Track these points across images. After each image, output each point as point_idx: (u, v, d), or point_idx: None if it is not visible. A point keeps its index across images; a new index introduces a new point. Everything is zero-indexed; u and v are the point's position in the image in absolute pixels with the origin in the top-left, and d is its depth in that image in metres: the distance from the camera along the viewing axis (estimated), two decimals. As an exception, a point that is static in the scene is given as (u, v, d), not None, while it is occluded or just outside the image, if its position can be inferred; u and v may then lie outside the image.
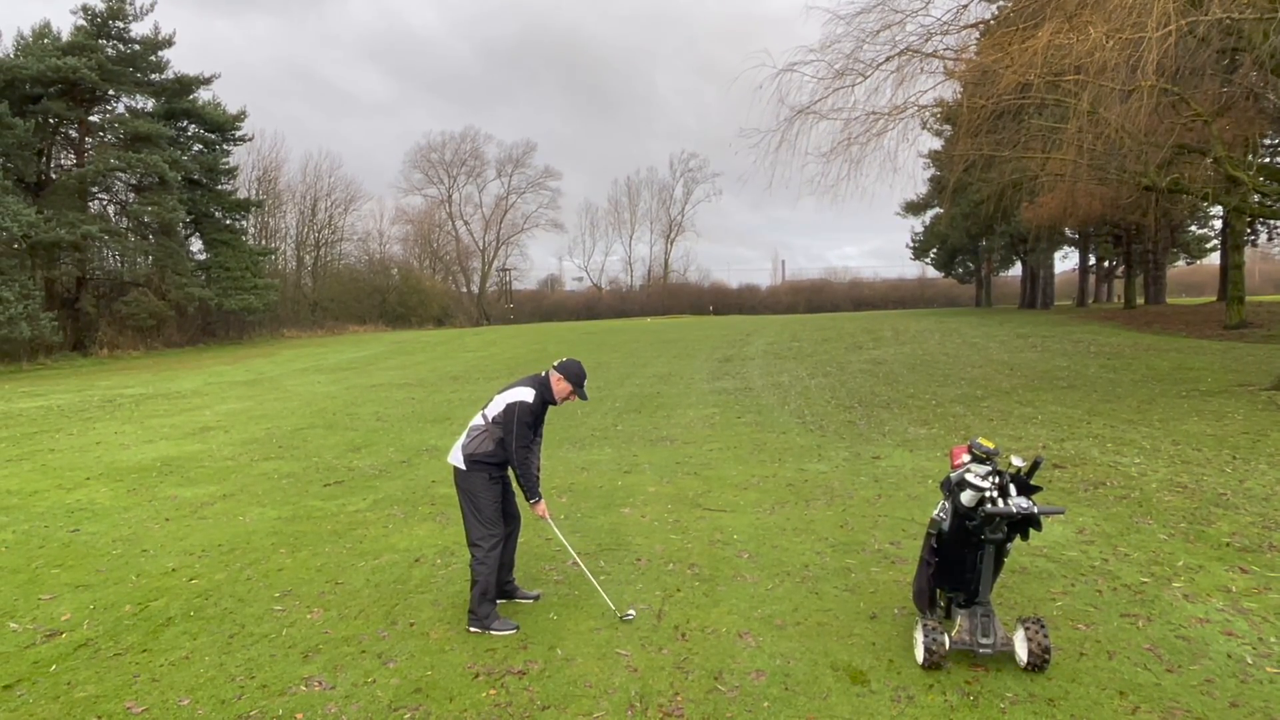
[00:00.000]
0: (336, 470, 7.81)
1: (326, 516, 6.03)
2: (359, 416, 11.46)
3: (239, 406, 12.85)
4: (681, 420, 10.41)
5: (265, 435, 9.95)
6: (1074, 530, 5.19)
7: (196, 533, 5.63)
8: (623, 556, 4.90)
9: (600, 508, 6.06)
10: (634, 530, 5.44)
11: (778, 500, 6.15)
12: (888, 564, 4.65)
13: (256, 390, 15.25)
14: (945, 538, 3.44)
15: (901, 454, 7.82)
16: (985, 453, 3.39)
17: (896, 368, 14.67)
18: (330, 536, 5.49)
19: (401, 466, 7.96)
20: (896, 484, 6.55)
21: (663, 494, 6.45)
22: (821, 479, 6.83)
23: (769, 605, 4.09)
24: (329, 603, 4.28)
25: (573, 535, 5.32)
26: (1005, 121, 11.10)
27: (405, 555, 5.03)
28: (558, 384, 3.82)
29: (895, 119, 9.94)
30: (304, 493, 6.84)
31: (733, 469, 7.35)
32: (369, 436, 9.78)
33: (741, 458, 7.90)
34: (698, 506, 6.03)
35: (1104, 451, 7.40)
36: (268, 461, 8.26)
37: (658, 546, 5.07)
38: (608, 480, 7.03)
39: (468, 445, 3.88)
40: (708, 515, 5.77)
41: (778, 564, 4.69)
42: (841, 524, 5.45)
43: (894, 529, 5.30)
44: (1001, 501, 3.24)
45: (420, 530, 5.58)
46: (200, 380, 17.37)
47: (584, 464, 7.83)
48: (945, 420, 9.49)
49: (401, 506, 6.26)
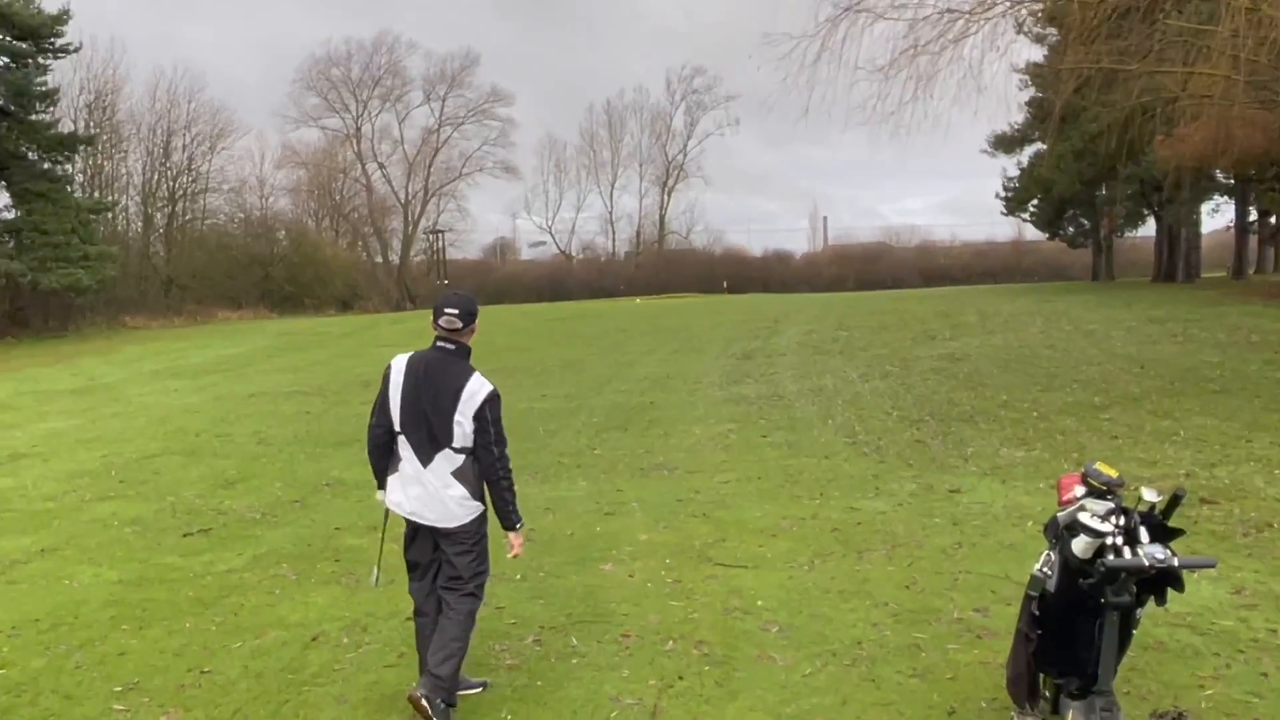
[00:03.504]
0: (201, 514, 7.74)
1: (188, 579, 5.98)
2: (232, 438, 11.39)
3: (63, 425, 12.73)
4: (684, 441, 10.40)
5: (101, 466, 9.87)
6: (1229, 590, 5.23)
7: (3, 603, 5.58)
8: (603, 632, 4.88)
9: (571, 564, 6.04)
10: (618, 595, 5.43)
11: (818, 551, 6.14)
12: (971, 639, 4.66)
13: (88, 402, 15.12)
14: (1051, 602, 3.45)
15: (990, 486, 7.84)
16: (1106, 484, 3.40)
17: (983, 366, 14.74)
18: (193, 607, 5.45)
19: (292, 509, 7.91)
20: (983, 528, 6.56)
21: (658, 544, 6.43)
22: (879, 521, 6.84)
23: (806, 699, 4.08)
24: (192, 700, 4.24)
25: (533, 602, 5.30)
26: (1132, 23, 11.17)
27: (298, 632, 5.01)
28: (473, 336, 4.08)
29: (980, 19, 10.00)
30: (155, 545, 6.78)
31: (755, 508, 7.34)
32: (247, 467, 9.72)
33: (768, 492, 7.89)
34: (707, 561, 6.02)
35: (1271, 481, 7.46)
36: (104, 502, 8.19)
37: (652, 617, 5.06)
38: (582, 525, 7.01)
39: (474, 483, 3.99)
40: (721, 573, 5.76)
41: (818, 640, 4.69)
42: (907, 584, 5.46)
43: (979, 590, 5.31)
44: (1129, 551, 3.25)
45: (319, 597, 5.55)
46: (8, 388, 17.21)
47: (548, 502, 7.80)
48: (1050, 438, 9.53)
49: (292, 564, 6.23)
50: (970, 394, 12.34)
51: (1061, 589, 3.41)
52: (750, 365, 16.65)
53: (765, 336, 21.09)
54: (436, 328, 3.99)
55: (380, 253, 63.98)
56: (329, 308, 46.37)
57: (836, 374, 14.90)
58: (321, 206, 59.56)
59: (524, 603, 5.32)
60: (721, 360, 17.54)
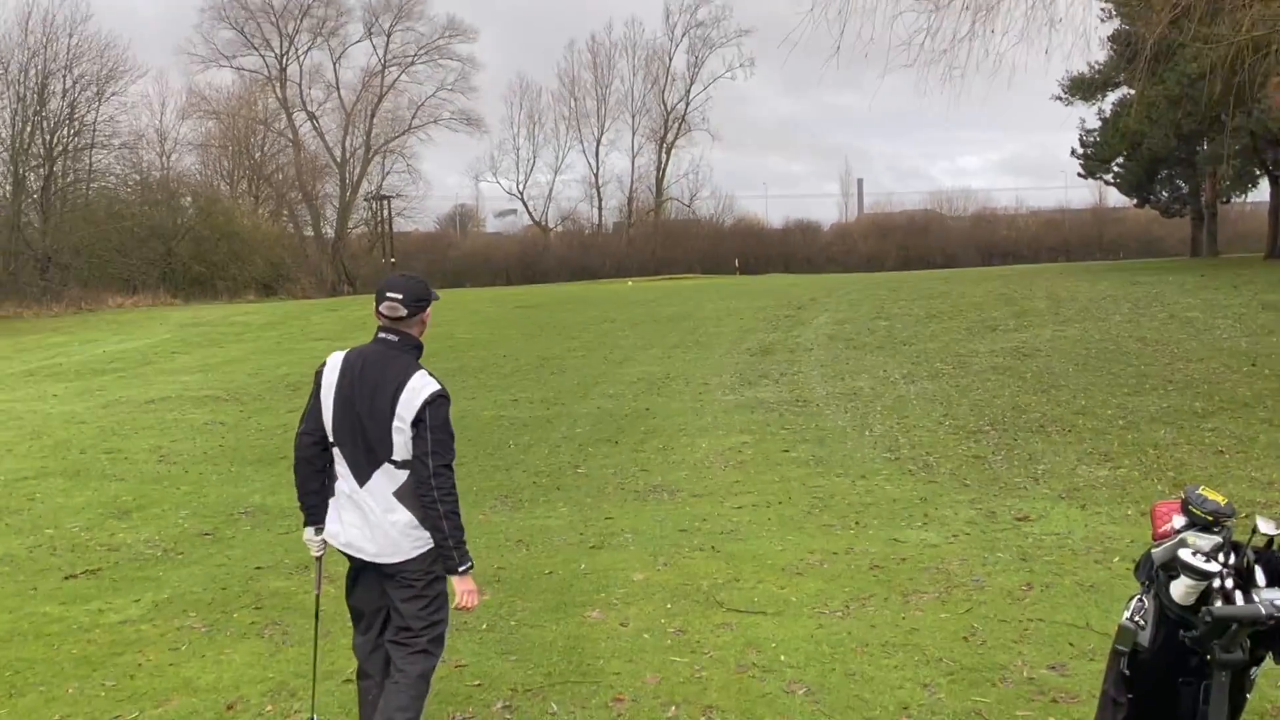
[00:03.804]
0: (87, 550, 7.72)
1: (70, 632, 5.96)
2: (127, 456, 11.37)
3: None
4: (688, 457, 10.42)
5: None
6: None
7: None
8: (589, 695, 4.89)
9: (550, 610, 6.06)
10: (608, 648, 5.44)
11: (854, 594, 6.17)
12: (1045, 703, 4.67)
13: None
14: (1144, 659, 3.45)
15: (1066, 512, 7.87)
16: (1212, 512, 3.39)
17: (1056, 363, 14.78)
18: (77, 668, 5.43)
19: (201, 543, 7.90)
20: (1057, 565, 6.59)
21: (657, 585, 6.45)
22: (929, 557, 6.86)
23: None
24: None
25: (504, 658, 5.30)
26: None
27: (210, 699, 5.00)
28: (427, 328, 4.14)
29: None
30: (28, 591, 6.75)
31: (775, 540, 7.37)
32: (145, 491, 9.70)
33: (791, 520, 7.91)
34: (717, 606, 6.04)
35: None
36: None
37: (649, 677, 5.07)
38: (563, 562, 7.02)
39: (408, 504, 3.92)
40: (734, 621, 5.78)
41: (855, 706, 4.70)
42: (964, 635, 5.48)
43: (1054, 643, 5.33)
44: (1241, 596, 3.25)
45: (236, 654, 5.55)
46: None
47: (521, 534, 7.81)
48: (1140, 453, 9.56)
49: (202, 613, 6.22)
50: (1040, 398, 12.38)
51: (1157, 643, 3.41)
52: (768, 363, 16.66)
53: (787, 327, 21.11)
54: (379, 316, 3.99)
55: (311, 224, 63.95)
56: (247, 292, 46.26)
57: (875, 373, 14.93)
58: (238, 166, 59.47)
59: (492, 659, 5.32)
60: (733, 357, 17.56)
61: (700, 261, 62.22)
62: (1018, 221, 71.70)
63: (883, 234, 68.56)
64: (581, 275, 59.89)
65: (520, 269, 64.15)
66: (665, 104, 73.08)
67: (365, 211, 66.34)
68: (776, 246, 67.91)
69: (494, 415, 13.11)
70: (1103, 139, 40.44)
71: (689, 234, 68.44)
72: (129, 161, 48.68)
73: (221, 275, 46.41)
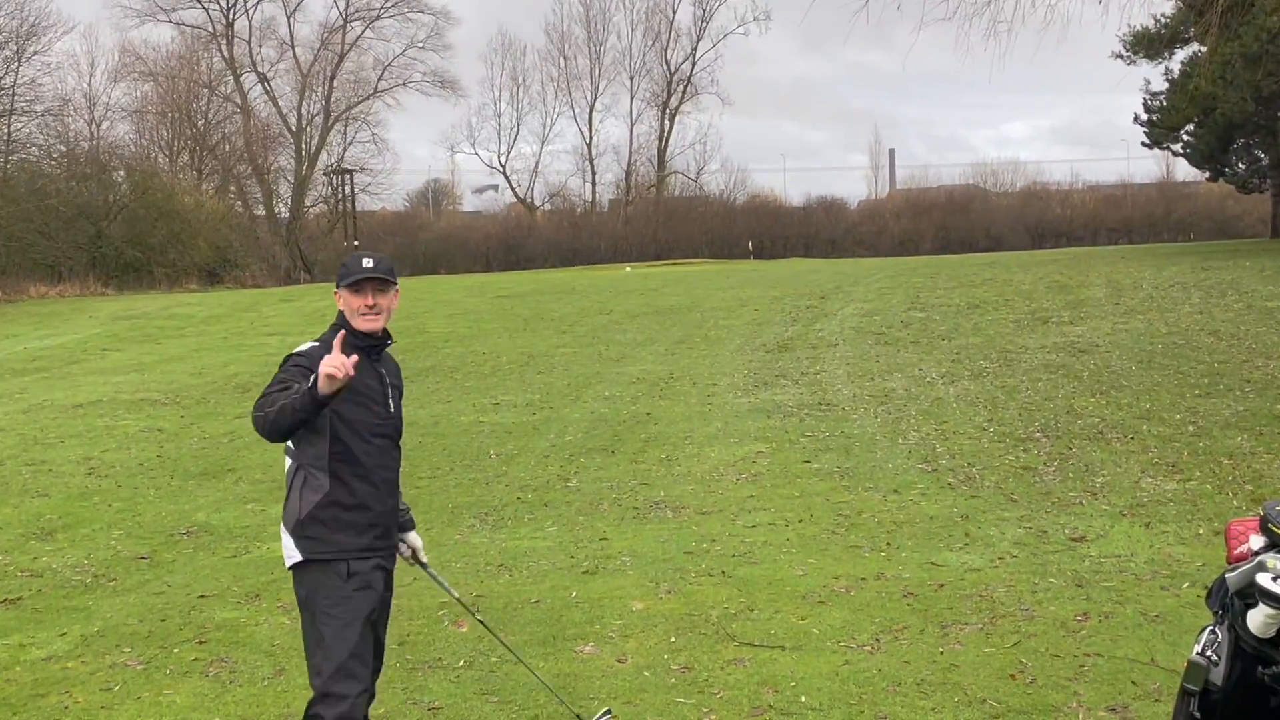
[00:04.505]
0: (6, 576, 7.71)
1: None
2: (52, 467, 11.35)
3: None
4: (694, 468, 10.40)
5: None
6: None
7: None
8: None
9: (537, 644, 6.04)
10: (604, 688, 5.43)
11: (885, 625, 6.16)
12: (1106, 750, 4.66)
13: None
14: (1218, 699, 3.44)
15: (1128, 531, 7.84)
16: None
17: (1116, 360, 14.77)
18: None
19: (137, 568, 7.88)
20: (1118, 592, 6.57)
21: (659, 615, 6.44)
22: (971, 582, 6.84)
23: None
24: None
25: (484, 699, 5.29)
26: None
27: (146, 747, 4.98)
28: (342, 301, 4.15)
29: None
30: (-59, 623, 6.73)
31: (795, 564, 7.35)
32: (72, 508, 9.67)
33: (813, 542, 7.89)
34: (728, 639, 6.03)
35: None
36: None
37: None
38: (551, 589, 7.00)
39: (289, 508, 4.04)
40: (749, 656, 5.77)
41: (889, 753, 4.69)
42: (1013, 672, 5.47)
43: (1114, 681, 5.32)
44: (1331, 628, 3.24)
45: (177, 695, 5.54)
46: None
47: (503, 557, 7.80)
48: (1214, 464, 9.53)
49: (138, 648, 6.20)
50: (1099, 400, 12.36)
51: (1232, 681, 3.40)
52: (787, 361, 16.64)
53: (808, 320, 21.10)
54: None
55: (263, 202, 63.85)
56: (189, 280, 46.26)
57: (909, 373, 14.91)
58: (178, 136, 59.39)
59: (470, 701, 5.31)
60: (746, 354, 17.54)
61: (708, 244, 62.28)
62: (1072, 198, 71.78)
63: (918, 213, 68.62)
64: (572, 260, 59.90)
65: (502, 253, 64.15)
66: (668, 63, 72.97)
67: (324, 188, 66.33)
68: (796, 227, 67.96)
69: (472, 421, 13.09)
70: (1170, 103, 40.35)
71: (695, 213, 68.36)
72: (53, 130, 48.60)
73: (159, 261, 46.28)
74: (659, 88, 72.94)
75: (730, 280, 31.42)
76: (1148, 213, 66.59)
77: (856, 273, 31.49)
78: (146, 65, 58.88)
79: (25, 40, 45.73)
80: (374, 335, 4.10)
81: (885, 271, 31.11)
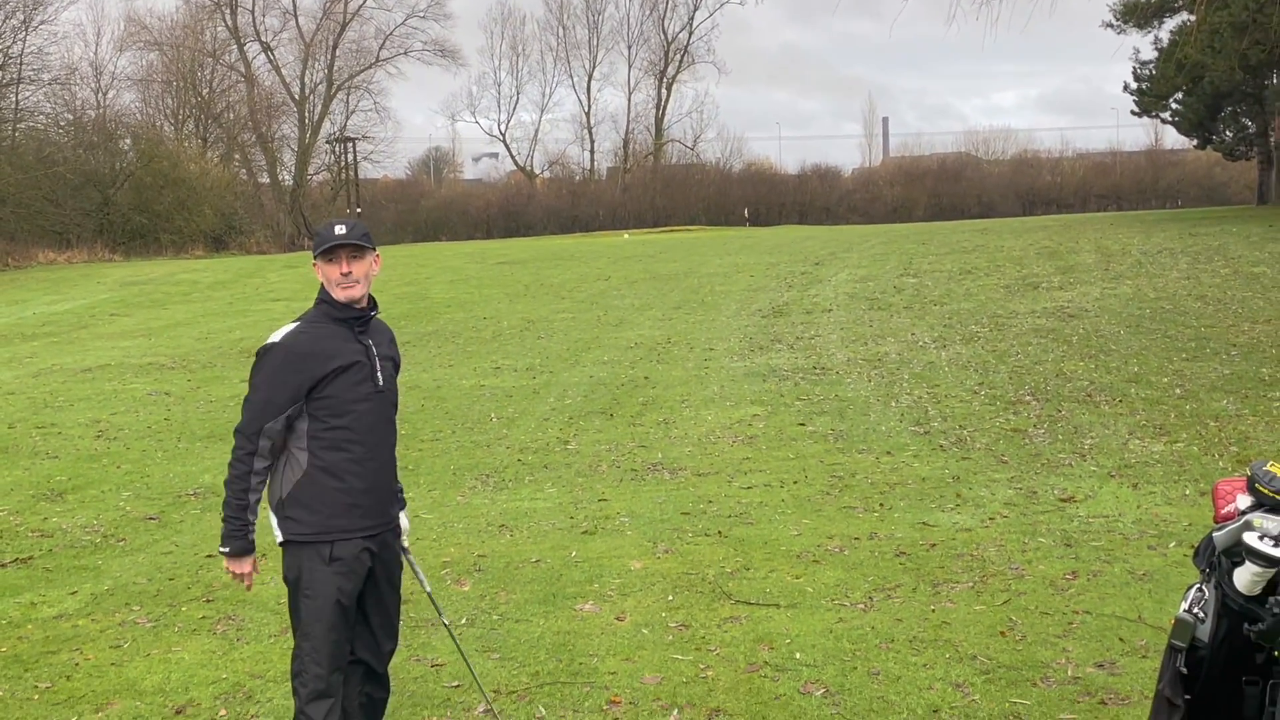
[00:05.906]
0: (18, 537, 7.73)
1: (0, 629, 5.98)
2: (61, 430, 11.37)
3: None
4: (691, 431, 10.42)
5: (-125, 470, 9.82)
6: None
7: None
8: (581, 698, 4.90)
9: (537, 603, 6.07)
10: (602, 645, 5.46)
11: (878, 584, 6.19)
12: (1092, 705, 4.68)
13: None
14: (1205, 656, 3.45)
15: (1116, 492, 7.87)
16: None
17: (1105, 325, 14.78)
18: (7, 667, 5.44)
19: (145, 528, 7.90)
20: (1106, 551, 6.60)
21: (657, 574, 6.46)
22: (962, 542, 6.87)
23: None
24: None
25: (486, 656, 5.31)
26: None
27: (156, 702, 5.00)
28: (320, 273, 3.96)
29: None
30: (-46, 582, 6.75)
31: (790, 524, 7.38)
32: (81, 470, 9.69)
33: (807, 502, 7.92)
34: (724, 597, 6.06)
35: None
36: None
37: (649, 677, 5.09)
38: (551, 549, 7.02)
39: (271, 488, 4.02)
40: (744, 615, 5.79)
41: (880, 709, 4.71)
42: (1003, 629, 5.50)
43: (1102, 638, 5.35)
44: (1314, 587, 3.25)
45: (185, 652, 5.56)
46: None
47: (503, 517, 7.82)
48: (1200, 425, 9.56)
49: (147, 606, 6.22)
50: (1088, 364, 12.38)
51: (1219, 638, 3.41)
52: (782, 325, 16.65)
53: (803, 285, 21.08)
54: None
55: (267, 170, 63.63)
56: (195, 246, 46.23)
57: (902, 337, 14.92)
58: (183, 105, 59.11)
59: (472, 658, 5.30)
60: (742, 319, 17.54)
61: (705, 211, 62.03)
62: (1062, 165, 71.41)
63: (910, 180, 68.30)
64: (571, 227, 59.75)
65: (502, 220, 63.88)
66: (665, 32, 72.71)
67: (327, 156, 66.16)
68: (791, 194, 67.68)
69: (474, 385, 13.09)
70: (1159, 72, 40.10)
71: (692, 180, 68.09)
72: (60, 99, 48.48)
73: (166, 227, 46.22)
74: (656, 57, 72.72)
75: (726, 247, 31.37)
76: (1136, 180, 66.33)
77: (850, 239, 31.43)
78: (151, 34, 58.68)
79: (32, 9, 45.54)
80: (355, 305, 3.88)
81: (879, 238, 31.05)
